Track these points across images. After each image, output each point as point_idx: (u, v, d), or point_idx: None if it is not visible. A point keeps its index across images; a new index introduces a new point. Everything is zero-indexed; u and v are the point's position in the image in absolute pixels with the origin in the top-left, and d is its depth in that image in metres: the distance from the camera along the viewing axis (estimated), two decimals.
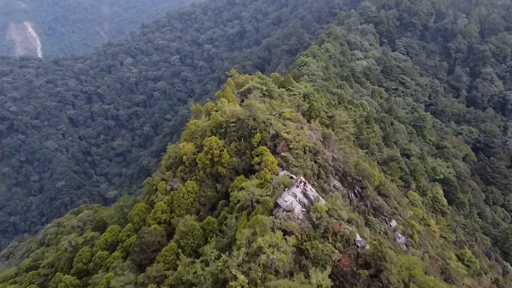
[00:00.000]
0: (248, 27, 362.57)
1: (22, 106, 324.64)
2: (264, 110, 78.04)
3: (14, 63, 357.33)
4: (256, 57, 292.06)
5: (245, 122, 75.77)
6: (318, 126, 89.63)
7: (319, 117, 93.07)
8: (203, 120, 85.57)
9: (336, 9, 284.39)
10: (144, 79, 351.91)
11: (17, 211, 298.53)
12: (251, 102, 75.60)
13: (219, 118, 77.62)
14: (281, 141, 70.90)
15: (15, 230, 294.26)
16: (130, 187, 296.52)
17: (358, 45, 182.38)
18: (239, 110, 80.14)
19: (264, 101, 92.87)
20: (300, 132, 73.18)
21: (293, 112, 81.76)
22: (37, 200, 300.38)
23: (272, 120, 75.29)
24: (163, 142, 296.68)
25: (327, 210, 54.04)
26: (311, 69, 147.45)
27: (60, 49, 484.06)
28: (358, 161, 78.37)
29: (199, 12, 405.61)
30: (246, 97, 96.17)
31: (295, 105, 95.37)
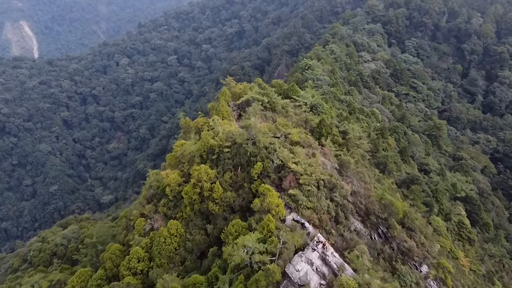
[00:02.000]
0: (247, 27, 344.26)
1: (14, 108, 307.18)
2: (266, 132, 61.02)
3: (6, 63, 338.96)
4: (255, 57, 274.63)
5: (242, 147, 58.87)
6: (330, 146, 72.69)
7: (331, 135, 76.13)
8: (192, 141, 68.53)
9: (339, 8, 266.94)
10: (141, 80, 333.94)
11: (9, 216, 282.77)
12: (250, 123, 58.52)
13: (211, 141, 60.64)
14: (288, 174, 53.98)
15: (7, 236, 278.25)
16: (126, 191, 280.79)
17: (365, 46, 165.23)
18: (236, 130, 63.17)
19: (266, 117, 75.84)
20: (312, 161, 56.22)
21: (302, 133, 64.61)
22: (29, 205, 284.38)
23: (277, 145, 58.34)
24: (160, 145, 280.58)
25: (358, 285, 37.23)
26: (316, 73, 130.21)
27: (57, 48, 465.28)
28: (382, 194, 61.46)
29: (197, 11, 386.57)
30: (244, 110, 79.09)
31: (302, 120, 78.29)
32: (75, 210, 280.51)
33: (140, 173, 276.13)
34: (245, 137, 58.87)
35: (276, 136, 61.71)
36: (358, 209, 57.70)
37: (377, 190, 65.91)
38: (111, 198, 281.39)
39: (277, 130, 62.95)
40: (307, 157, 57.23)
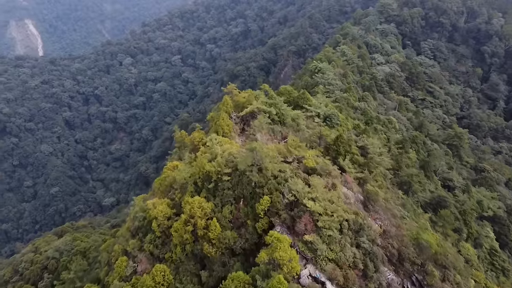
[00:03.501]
0: (253, 26, 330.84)
1: (16, 108, 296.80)
2: (275, 155, 48.60)
3: (9, 62, 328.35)
4: (261, 58, 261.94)
5: (245, 175, 46.48)
6: (349, 167, 60.11)
7: (350, 154, 63.54)
8: (186, 162, 56.22)
9: (347, 7, 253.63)
10: (144, 80, 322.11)
11: (9, 218, 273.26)
12: (255, 146, 46.02)
13: (207, 165, 48.34)
14: (303, 214, 41.62)
15: (7, 238, 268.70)
16: (128, 194, 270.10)
17: (378, 47, 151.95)
18: (237, 152, 50.80)
19: (274, 132, 63.31)
20: (333, 195, 43.80)
21: (318, 156, 52.03)
22: (30, 206, 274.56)
23: (288, 174, 45.89)
24: (163, 147, 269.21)
25: None
26: (327, 77, 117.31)
27: (62, 47, 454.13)
28: (417, 234, 48.82)
29: (201, 10, 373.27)
30: (249, 124, 66.65)
31: (316, 136, 65.76)
32: (76, 213, 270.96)
33: (142, 176, 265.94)
34: (249, 163, 46.44)
35: (287, 161, 49.19)
36: (390, 254, 45.18)
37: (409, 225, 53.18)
38: (113, 201, 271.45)
39: (288, 152, 50.38)
40: (326, 190, 44.69)
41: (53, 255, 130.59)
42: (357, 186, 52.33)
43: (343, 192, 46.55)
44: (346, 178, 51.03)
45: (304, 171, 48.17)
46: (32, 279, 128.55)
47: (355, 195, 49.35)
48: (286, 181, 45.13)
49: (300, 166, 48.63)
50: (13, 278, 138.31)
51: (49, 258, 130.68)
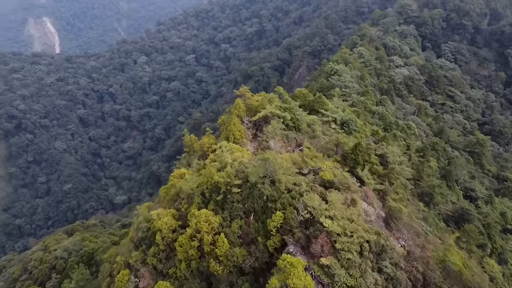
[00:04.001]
0: (268, 26, 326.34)
1: (31, 105, 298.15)
2: (289, 166, 44.46)
3: (25, 59, 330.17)
4: (275, 58, 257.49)
5: (257, 187, 42.44)
6: (368, 179, 55.63)
7: (369, 163, 58.99)
8: (194, 169, 52.44)
9: (364, 8, 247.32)
10: (158, 78, 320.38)
11: (23, 213, 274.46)
12: (268, 156, 41.94)
13: (216, 176, 44.48)
14: (320, 234, 37.42)
15: (21, 233, 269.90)
16: (139, 192, 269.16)
17: (396, 49, 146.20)
18: (249, 161, 46.82)
19: (288, 138, 59.13)
20: (353, 212, 39.48)
21: (337, 168, 47.69)
22: (43, 202, 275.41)
23: (304, 187, 41.70)
24: (175, 147, 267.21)
25: None
26: (344, 79, 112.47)
27: (78, 45, 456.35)
28: (444, 256, 44.16)
29: (217, 10, 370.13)
30: (261, 129, 62.59)
31: (333, 143, 61.34)
32: (88, 210, 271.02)
33: (154, 174, 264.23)
34: (260, 174, 42.37)
35: (302, 173, 44.96)
36: (414, 279, 40.63)
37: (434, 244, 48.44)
38: (125, 199, 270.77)
39: (303, 163, 46.15)
40: (345, 206, 40.36)
41: (61, 255, 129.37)
42: (378, 201, 47.82)
43: (363, 208, 42.17)
44: (366, 191, 46.57)
45: (320, 185, 43.89)
46: (40, 279, 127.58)
47: (376, 211, 44.91)
48: (301, 195, 40.93)
49: (316, 179, 44.35)
50: (22, 276, 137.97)
51: (57, 258, 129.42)
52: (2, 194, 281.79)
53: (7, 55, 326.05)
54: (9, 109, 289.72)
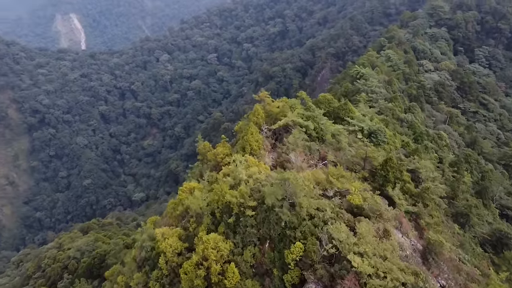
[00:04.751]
0: (291, 27, 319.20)
1: (55, 100, 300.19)
2: (312, 188, 38.36)
3: (51, 55, 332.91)
4: (298, 59, 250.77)
5: (274, 211, 36.49)
6: (399, 199, 48.89)
7: (401, 181, 52.21)
8: (204, 184, 46.85)
9: (392, 9, 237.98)
10: (179, 77, 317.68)
11: (43, 206, 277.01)
12: (287, 175, 35.92)
13: (228, 195, 38.78)
14: (347, 274, 31.25)
15: (40, 226, 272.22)
16: (157, 190, 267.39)
17: (427, 53, 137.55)
18: (266, 178, 40.93)
19: (310, 150, 52.88)
20: (386, 247, 33.11)
21: (366, 190, 41.22)
22: (63, 197, 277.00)
23: (328, 214, 35.51)
24: (194, 146, 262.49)
25: None
26: (371, 84, 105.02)
27: (103, 41, 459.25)
28: None
29: (240, 9, 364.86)
30: (281, 139, 56.50)
31: (360, 157, 54.83)
32: (107, 206, 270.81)
33: (173, 173, 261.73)
34: (279, 196, 36.36)
35: (327, 195, 38.74)
36: None
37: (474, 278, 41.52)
38: (142, 196, 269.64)
39: (328, 183, 39.88)
40: (376, 239, 33.99)
41: (74, 254, 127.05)
42: (413, 229, 41.14)
43: (397, 241, 35.70)
44: (400, 218, 39.97)
45: (348, 210, 37.58)
46: (53, 278, 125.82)
47: (411, 243, 38.34)
48: (325, 223, 34.73)
49: (343, 203, 38.05)
50: (36, 273, 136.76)
51: (70, 257, 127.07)
52: (24, 187, 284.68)
53: (34, 51, 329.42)
54: (33, 103, 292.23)
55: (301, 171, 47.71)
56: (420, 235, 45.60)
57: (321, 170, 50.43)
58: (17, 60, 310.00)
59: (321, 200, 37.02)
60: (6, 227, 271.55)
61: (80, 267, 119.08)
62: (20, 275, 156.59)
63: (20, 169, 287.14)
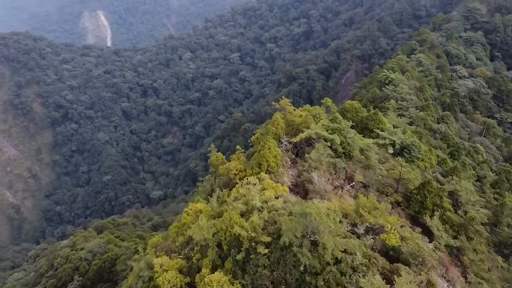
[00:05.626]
0: (316, 27, 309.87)
1: (78, 95, 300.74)
2: (338, 221, 31.40)
3: (76, 50, 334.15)
4: (322, 61, 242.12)
5: (291, 250, 29.74)
6: (438, 230, 41.37)
7: (441, 208, 44.60)
8: (213, 205, 40.43)
9: (422, 11, 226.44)
10: (201, 75, 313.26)
11: (63, 200, 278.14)
12: (309, 209, 29.07)
13: (237, 226, 32.27)
14: None
15: (60, 219, 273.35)
16: (175, 189, 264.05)
17: (461, 58, 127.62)
18: (283, 206, 34.20)
19: (336, 169, 45.79)
20: None
21: (404, 226, 33.91)
22: (83, 191, 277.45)
23: (358, 258, 28.59)
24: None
25: None
26: (401, 91, 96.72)
27: (128, 38, 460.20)
28: None
29: (265, 8, 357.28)
30: (303, 153, 49.54)
31: (394, 178, 47.41)
32: (125, 202, 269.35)
33: (191, 172, 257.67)
34: (298, 232, 29.50)
35: (356, 232, 31.68)
36: None
37: None
38: (161, 194, 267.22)
39: (358, 217, 32.79)
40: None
41: (85, 256, 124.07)
42: (459, 274, 33.64)
43: None
44: (444, 263, 32.53)
45: (382, 252, 30.49)
46: (64, 279, 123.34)
47: None
48: (355, 271, 27.77)
49: (376, 243, 30.98)
50: (48, 272, 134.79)
51: (81, 259, 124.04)
52: (46, 180, 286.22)
53: (60, 46, 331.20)
54: (57, 98, 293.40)
55: (325, 194, 40.77)
56: (463, 273, 38.03)
57: (348, 193, 43.37)
58: (44, 55, 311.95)
59: (350, 240, 29.96)
60: (28, 220, 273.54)
61: (91, 269, 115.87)
62: (35, 271, 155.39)
63: (43, 163, 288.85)
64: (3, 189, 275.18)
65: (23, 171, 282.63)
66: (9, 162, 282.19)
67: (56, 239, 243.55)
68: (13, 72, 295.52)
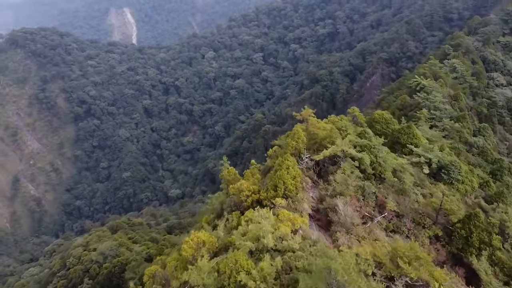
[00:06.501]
0: (342, 28, 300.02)
1: (101, 91, 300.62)
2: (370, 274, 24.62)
3: (101, 47, 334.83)
4: (346, 63, 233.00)
5: None
6: (487, 274, 33.94)
7: (490, 247, 37.12)
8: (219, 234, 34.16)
9: (454, 14, 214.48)
10: (223, 75, 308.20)
11: (83, 195, 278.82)
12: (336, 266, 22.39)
13: (242, 275, 25.88)
14: None
15: (80, 214, 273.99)
16: (193, 188, 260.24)
17: (498, 65, 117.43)
18: (301, 246, 27.67)
19: (364, 195, 38.78)
20: None
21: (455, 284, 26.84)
22: (103, 187, 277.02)
23: None
24: (232, 146, 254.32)
25: None
26: (434, 99, 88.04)
27: (153, 36, 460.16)
28: None
29: (289, 8, 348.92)
30: (325, 174, 42.70)
31: (433, 208, 40.08)
32: (143, 200, 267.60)
33: (210, 172, 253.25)
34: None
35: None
36: None
37: None
38: (178, 193, 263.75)
39: (395, 268, 25.87)
40: None
41: (96, 258, 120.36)
42: None
43: None
44: None
45: None
46: (74, 281, 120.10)
47: None
48: None
49: None
50: (60, 272, 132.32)
51: (92, 261, 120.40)
52: (67, 174, 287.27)
53: (85, 42, 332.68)
54: (81, 94, 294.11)
55: (352, 228, 33.91)
56: None
57: (379, 225, 36.32)
58: (69, 51, 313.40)
59: None
60: (48, 213, 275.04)
61: (101, 273, 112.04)
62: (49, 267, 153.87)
63: (65, 157, 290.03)
64: (26, 181, 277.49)
65: (45, 164, 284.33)
66: (33, 155, 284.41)
67: (74, 233, 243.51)
68: (39, 67, 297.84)
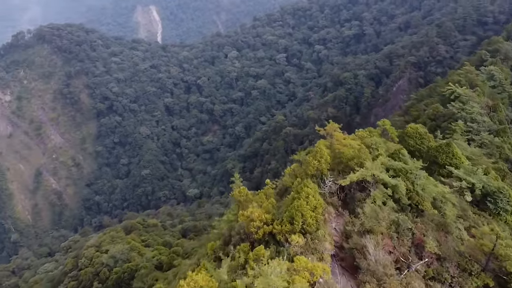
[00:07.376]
0: (368, 30, 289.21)
1: (124, 88, 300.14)
2: None
3: (125, 44, 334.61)
4: (372, 66, 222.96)
5: None
6: None
7: None
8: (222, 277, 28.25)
9: (489, 17, 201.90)
10: (246, 75, 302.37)
11: (103, 191, 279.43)
12: None
13: None
14: None
15: (98, 209, 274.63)
16: (211, 188, 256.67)
17: None
18: None
19: (399, 233, 31.92)
20: None
21: None
22: (122, 183, 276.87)
23: None
24: (252, 147, 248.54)
25: None
26: (470, 110, 79.54)
27: (178, 34, 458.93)
28: None
29: (315, 9, 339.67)
30: (351, 201, 36.09)
31: (480, 250, 33.00)
32: (161, 198, 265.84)
33: (228, 173, 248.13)
34: None
35: None
36: None
37: None
38: (196, 193, 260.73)
39: None
40: None
41: (107, 261, 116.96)
42: None
43: None
44: None
45: None
46: (84, 283, 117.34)
47: None
48: None
49: None
50: (72, 272, 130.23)
51: (103, 264, 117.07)
52: (88, 170, 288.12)
53: (110, 39, 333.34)
54: (104, 90, 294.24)
55: (384, 279, 27.28)
56: None
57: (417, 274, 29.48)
58: (94, 47, 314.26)
59: None
60: (68, 207, 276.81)
61: (110, 278, 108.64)
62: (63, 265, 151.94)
63: (86, 152, 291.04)
64: (48, 175, 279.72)
65: (67, 159, 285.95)
66: (55, 149, 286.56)
67: (92, 228, 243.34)
68: (64, 63, 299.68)
